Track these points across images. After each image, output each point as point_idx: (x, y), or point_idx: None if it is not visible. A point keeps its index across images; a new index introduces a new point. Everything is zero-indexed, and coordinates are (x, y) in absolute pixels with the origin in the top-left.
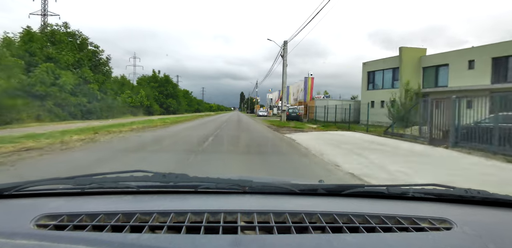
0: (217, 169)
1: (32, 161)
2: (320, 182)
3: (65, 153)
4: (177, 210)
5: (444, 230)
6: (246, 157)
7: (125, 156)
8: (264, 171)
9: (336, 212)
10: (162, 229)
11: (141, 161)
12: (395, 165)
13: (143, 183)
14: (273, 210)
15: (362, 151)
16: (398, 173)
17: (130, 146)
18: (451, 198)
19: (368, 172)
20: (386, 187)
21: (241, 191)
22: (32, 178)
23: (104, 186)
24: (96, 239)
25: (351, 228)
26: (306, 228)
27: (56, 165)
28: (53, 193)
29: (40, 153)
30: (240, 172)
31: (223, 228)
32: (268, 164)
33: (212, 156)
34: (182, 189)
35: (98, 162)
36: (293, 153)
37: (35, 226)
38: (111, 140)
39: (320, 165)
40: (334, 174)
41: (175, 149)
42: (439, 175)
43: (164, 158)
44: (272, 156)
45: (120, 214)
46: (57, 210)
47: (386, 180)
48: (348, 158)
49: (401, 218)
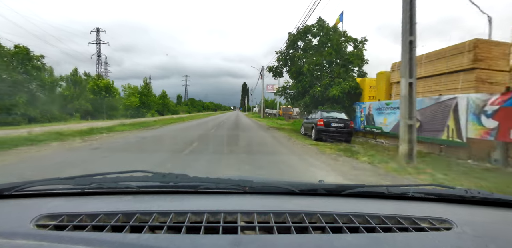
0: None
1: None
2: (320, 182)
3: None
4: (177, 210)
5: (444, 230)
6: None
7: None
8: None
9: (336, 212)
10: (162, 229)
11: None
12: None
13: (143, 183)
14: (273, 210)
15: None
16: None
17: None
18: (451, 198)
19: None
20: (386, 187)
21: (241, 191)
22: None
23: (104, 186)
24: (96, 239)
25: (351, 228)
26: (306, 228)
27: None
28: (53, 193)
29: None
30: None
31: (223, 228)
32: None
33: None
34: (182, 189)
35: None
36: None
37: (35, 226)
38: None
39: None
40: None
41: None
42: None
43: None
44: None
45: (120, 214)
46: (57, 210)
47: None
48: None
49: (401, 218)
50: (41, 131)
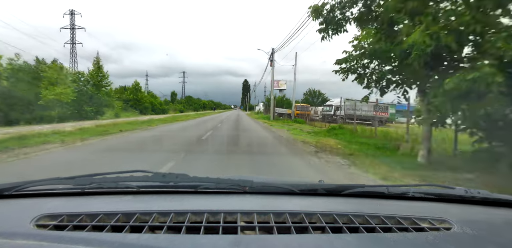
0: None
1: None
2: (320, 182)
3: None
4: (177, 210)
5: (444, 230)
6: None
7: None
8: None
9: (336, 212)
10: (162, 229)
11: None
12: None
13: (143, 183)
14: (273, 210)
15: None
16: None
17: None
18: (451, 198)
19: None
20: (386, 187)
21: (241, 191)
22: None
23: (104, 186)
24: (96, 239)
25: (351, 228)
26: (306, 228)
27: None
28: (53, 193)
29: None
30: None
31: (223, 228)
32: None
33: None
34: (182, 189)
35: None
36: None
37: (35, 226)
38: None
39: None
40: None
41: None
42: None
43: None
44: None
45: (120, 214)
46: (57, 210)
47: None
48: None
49: (401, 218)
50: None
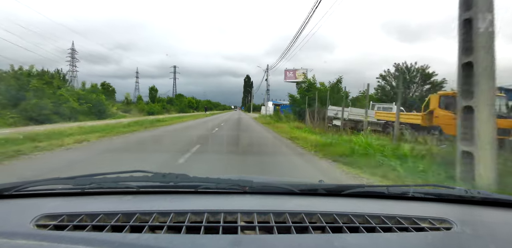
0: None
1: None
2: (320, 182)
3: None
4: (177, 210)
5: (444, 230)
6: None
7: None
8: None
9: (336, 212)
10: (162, 229)
11: None
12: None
13: (143, 183)
14: (273, 210)
15: None
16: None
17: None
18: (451, 198)
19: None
20: (386, 187)
21: (241, 191)
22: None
23: (104, 186)
24: (96, 239)
25: (351, 228)
26: (306, 228)
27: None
28: (53, 193)
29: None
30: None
31: (223, 228)
32: None
33: None
34: (182, 189)
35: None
36: None
37: (35, 226)
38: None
39: None
40: None
41: None
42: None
43: None
44: None
45: (120, 214)
46: (57, 210)
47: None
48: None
49: (401, 218)
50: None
